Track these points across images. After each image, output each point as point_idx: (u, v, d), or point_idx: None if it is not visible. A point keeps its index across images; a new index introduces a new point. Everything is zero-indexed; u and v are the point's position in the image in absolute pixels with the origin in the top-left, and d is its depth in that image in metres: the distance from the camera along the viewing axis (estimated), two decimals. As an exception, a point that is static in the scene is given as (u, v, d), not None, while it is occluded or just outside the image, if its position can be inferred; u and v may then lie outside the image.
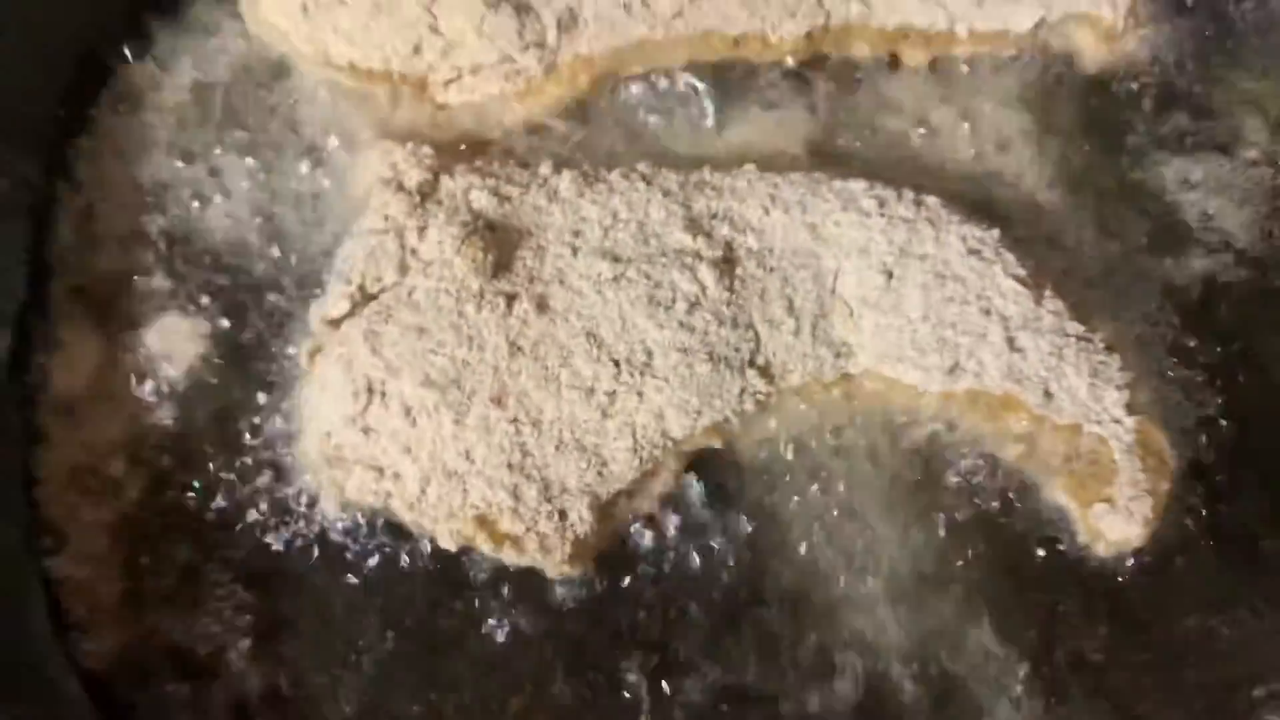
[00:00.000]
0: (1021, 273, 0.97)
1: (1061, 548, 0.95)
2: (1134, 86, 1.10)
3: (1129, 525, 0.94)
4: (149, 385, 0.94)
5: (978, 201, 1.04)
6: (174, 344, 0.96)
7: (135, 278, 0.98)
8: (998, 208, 1.04)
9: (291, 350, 0.96)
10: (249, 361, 0.96)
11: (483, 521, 0.86)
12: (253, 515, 0.91)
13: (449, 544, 0.87)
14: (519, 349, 0.90)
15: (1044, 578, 0.95)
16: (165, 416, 0.94)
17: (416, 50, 1.01)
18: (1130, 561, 0.96)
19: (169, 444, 0.93)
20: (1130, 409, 0.97)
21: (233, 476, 0.92)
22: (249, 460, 0.93)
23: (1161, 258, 1.06)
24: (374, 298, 0.91)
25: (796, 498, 0.95)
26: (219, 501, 0.92)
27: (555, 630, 0.90)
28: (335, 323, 0.92)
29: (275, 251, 0.99)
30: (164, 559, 0.90)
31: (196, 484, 0.92)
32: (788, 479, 0.95)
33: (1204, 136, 1.10)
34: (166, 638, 0.89)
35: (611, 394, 0.89)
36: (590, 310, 0.92)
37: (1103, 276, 1.04)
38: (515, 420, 0.88)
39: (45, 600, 0.89)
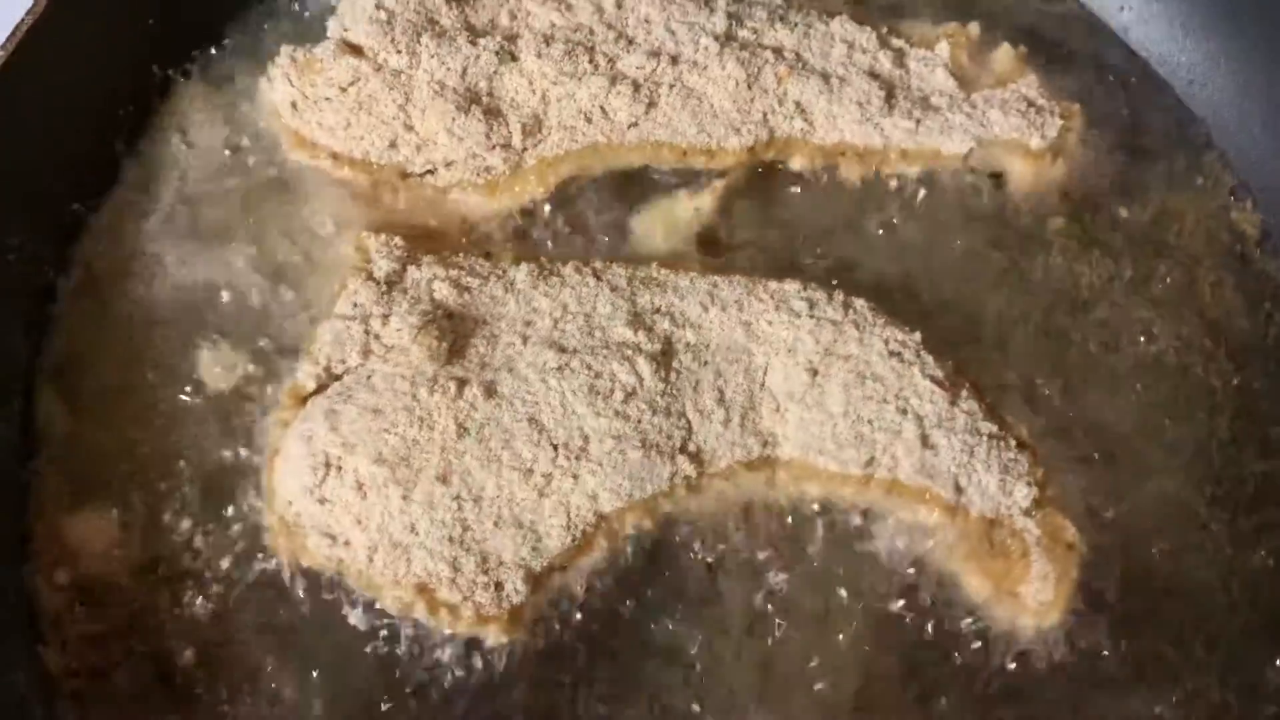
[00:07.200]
0: (939, 374, 1.05)
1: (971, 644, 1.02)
2: (1056, 207, 1.18)
3: (1042, 610, 1.01)
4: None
5: (904, 301, 1.12)
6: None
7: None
8: (924, 308, 1.12)
9: (268, 420, 1.04)
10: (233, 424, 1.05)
11: (422, 590, 0.94)
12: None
13: (392, 609, 0.95)
14: (465, 430, 0.97)
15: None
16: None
17: (392, 145, 1.10)
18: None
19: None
20: (1039, 502, 1.04)
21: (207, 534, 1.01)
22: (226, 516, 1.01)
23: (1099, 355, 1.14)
24: (339, 378, 1.00)
25: (722, 579, 1.01)
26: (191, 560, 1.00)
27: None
28: (302, 400, 1.00)
29: (263, 322, 1.08)
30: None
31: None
32: (714, 559, 1.02)
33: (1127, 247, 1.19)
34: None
35: (549, 475, 0.97)
36: (534, 397, 0.99)
37: (1026, 374, 1.12)
38: (458, 497, 0.95)
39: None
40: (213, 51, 1.18)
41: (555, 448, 0.98)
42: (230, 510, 1.01)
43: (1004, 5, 1.30)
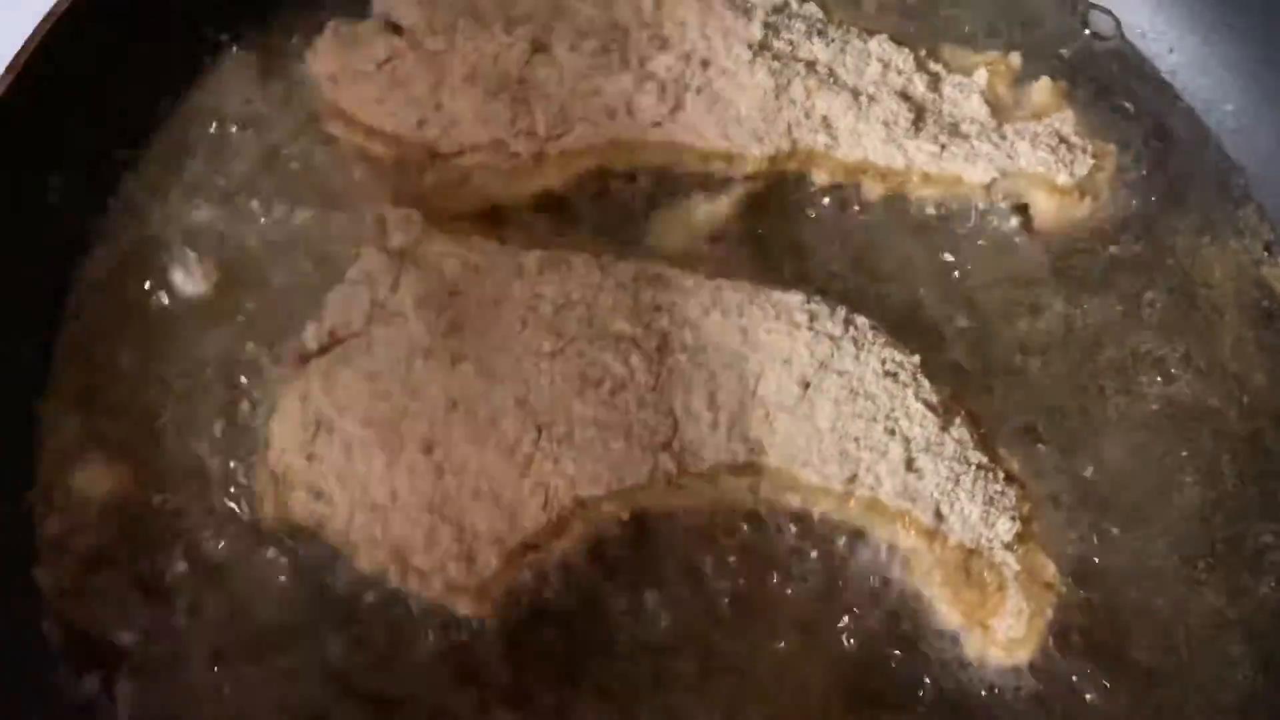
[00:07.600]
0: (933, 399, 1.05)
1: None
2: (1078, 245, 1.17)
3: (1013, 646, 1.01)
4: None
5: (910, 324, 1.12)
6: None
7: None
8: (930, 333, 1.12)
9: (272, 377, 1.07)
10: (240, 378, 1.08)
11: (396, 554, 0.96)
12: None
13: (366, 569, 0.98)
14: (454, 404, 1.00)
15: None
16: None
17: (422, 124, 1.13)
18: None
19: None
20: (1021, 537, 1.03)
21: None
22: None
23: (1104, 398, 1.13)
24: (341, 342, 1.03)
25: (693, 580, 1.02)
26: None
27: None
28: (304, 358, 1.03)
29: (278, 284, 1.11)
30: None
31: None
32: (688, 558, 1.03)
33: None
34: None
35: (530, 456, 0.99)
36: (525, 379, 1.01)
37: (1027, 410, 1.11)
38: (440, 467, 0.98)
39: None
40: (264, 18, 1.21)
41: (539, 430, 1.00)
42: (231, 459, 1.04)
43: (1050, 38, 1.28)
